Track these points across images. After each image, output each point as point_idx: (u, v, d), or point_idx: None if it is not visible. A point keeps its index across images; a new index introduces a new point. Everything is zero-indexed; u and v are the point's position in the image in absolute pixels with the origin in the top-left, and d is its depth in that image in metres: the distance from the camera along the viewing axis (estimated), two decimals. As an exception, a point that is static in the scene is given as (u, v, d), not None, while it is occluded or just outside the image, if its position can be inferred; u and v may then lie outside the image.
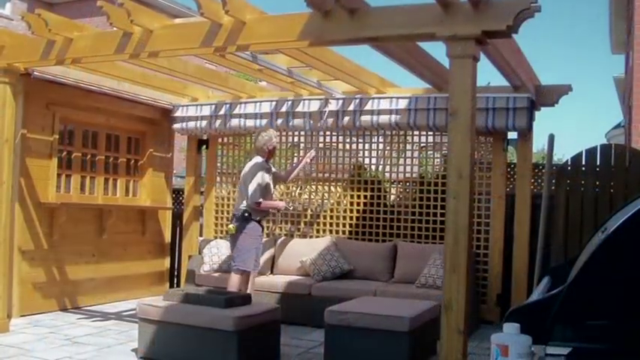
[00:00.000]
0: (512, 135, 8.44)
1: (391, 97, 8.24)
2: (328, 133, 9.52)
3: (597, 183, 7.40)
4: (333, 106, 8.53)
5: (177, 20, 6.61)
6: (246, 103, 9.12)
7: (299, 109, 8.75)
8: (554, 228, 7.54)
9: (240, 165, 10.10)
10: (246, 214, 7.44)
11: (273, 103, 8.90)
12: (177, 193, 10.63)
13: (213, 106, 9.31)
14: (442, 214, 8.18)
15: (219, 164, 10.06)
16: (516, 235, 8.06)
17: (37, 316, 7.91)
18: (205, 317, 5.89)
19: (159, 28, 6.21)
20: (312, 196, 9.57)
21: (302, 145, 10.00)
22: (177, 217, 10.32)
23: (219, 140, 10.05)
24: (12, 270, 7.55)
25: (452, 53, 5.05)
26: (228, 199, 9.94)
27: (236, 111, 9.17)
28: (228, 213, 9.91)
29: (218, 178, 10.04)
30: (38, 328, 7.32)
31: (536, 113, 8.05)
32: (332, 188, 9.56)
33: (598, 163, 7.44)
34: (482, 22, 4.93)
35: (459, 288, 4.90)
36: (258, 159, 7.63)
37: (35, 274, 8.04)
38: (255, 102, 9.06)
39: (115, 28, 6.31)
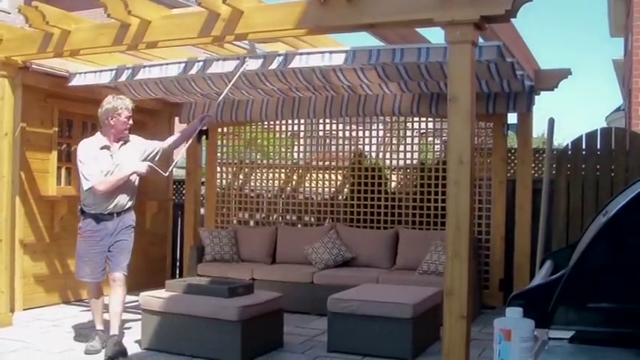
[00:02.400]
0: (512, 120, 8.45)
1: (323, 52, 6.68)
2: (328, 120, 9.49)
3: (598, 167, 7.38)
4: (252, 65, 6.94)
5: (175, 10, 6.58)
6: (151, 66, 7.60)
7: (212, 70, 7.24)
8: (555, 212, 7.54)
9: (240, 155, 10.11)
10: (80, 210, 6.18)
11: (182, 65, 7.37)
12: (177, 184, 10.63)
13: (114, 72, 7.73)
14: (443, 201, 8.19)
15: (219, 154, 10.05)
16: (518, 220, 8.07)
17: (39, 309, 7.93)
18: (208, 307, 5.90)
19: (156, 18, 6.19)
20: (312, 184, 9.58)
21: (302, 133, 9.98)
22: (178, 208, 10.33)
23: (219, 130, 10.04)
24: (14, 264, 7.55)
25: (450, 39, 5.02)
26: (229, 189, 9.95)
27: (140, 76, 7.63)
28: (229, 203, 9.93)
29: (218, 169, 10.03)
30: (41, 322, 7.34)
31: (536, 98, 8.04)
32: (332, 176, 9.57)
33: (598, 147, 7.42)
34: (480, 7, 4.90)
35: (461, 274, 4.90)
36: (96, 136, 6.21)
37: (37, 267, 8.06)
38: (161, 65, 7.51)
39: (112, 20, 6.29)
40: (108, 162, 6.04)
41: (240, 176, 10.05)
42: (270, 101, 8.84)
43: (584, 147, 7.45)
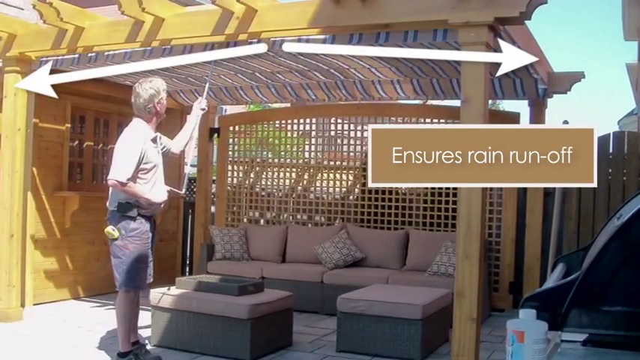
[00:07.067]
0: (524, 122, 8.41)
1: (300, 37, 5.86)
2: (340, 120, 9.49)
3: (610, 170, 7.37)
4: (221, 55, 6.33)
5: (189, 8, 6.60)
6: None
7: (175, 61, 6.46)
8: (566, 215, 7.52)
9: (251, 153, 10.11)
10: (125, 209, 5.35)
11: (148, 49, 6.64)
12: (189, 182, 10.64)
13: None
14: (453, 202, 8.18)
15: (230, 152, 10.05)
16: (528, 223, 8.05)
17: (50, 304, 7.96)
18: (218, 305, 5.91)
19: (170, 16, 6.22)
20: (323, 184, 9.58)
21: (313, 132, 9.97)
22: (188, 206, 10.35)
23: (231, 128, 10.04)
24: (25, 259, 7.58)
25: (464, 40, 5.02)
26: (240, 188, 9.95)
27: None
28: (239, 201, 9.93)
29: (229, 167, 10.03)
30: (51, 317, 7.37)
31: (549, 101, 8.03)
32: (343, 176, 9.56)
33: (611, 150, 7.41)
34: (495, 9, 4.91)
35: (472, 276, 4.90)
36: (138, 123, 5.43)
37: (48, 262, 8.09)
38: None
39: (126, 17, 6.31)
40: (156, 156, 5.49)
41: (251, 175, 10.05)
42: (260, 86, 8.83)
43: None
